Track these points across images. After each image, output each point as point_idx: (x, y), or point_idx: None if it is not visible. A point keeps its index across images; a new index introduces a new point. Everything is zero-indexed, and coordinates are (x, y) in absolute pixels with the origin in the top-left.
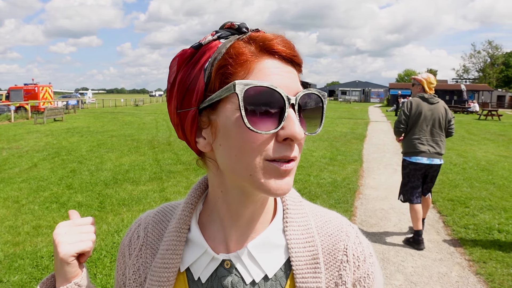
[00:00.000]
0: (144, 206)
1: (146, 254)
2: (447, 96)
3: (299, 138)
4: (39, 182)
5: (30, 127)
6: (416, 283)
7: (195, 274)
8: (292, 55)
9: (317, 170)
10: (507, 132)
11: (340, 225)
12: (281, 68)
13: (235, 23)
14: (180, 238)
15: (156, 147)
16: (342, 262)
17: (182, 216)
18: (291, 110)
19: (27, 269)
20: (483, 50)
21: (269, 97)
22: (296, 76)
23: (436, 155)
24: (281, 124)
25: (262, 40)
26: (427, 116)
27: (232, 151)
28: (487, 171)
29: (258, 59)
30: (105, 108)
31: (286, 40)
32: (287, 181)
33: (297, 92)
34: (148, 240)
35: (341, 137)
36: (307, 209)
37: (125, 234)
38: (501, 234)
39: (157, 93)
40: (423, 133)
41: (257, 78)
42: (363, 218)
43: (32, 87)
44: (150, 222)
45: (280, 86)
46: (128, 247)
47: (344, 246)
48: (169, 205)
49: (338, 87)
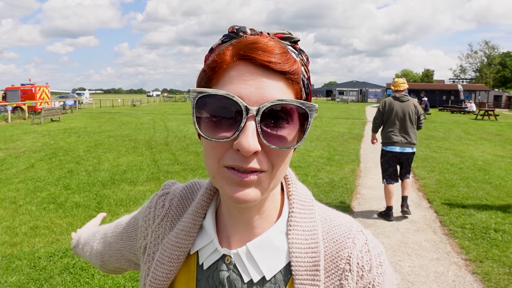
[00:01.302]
0: None
1: (166, 226)
2: (444, 96)
3: (245, 152)
4: (36, 183)
5: (27, 128)
6: (413, 283)
7: (201, 259)
8: (266, 62)
9: (314, 170)
10: (503, 132)
11: (348, 231)
12: (249, 75)
13: (235, 28)
14: (195, 222)
15: (153, 148)
16: (344, 271)
17: (200, 201)
18: (250, 122)
19: (25, 270)
20: (480, 50)
21: (227, 105)
22: (273, 84)
23: (407, 144)
24: (235, 134)
25: (240, 44)
26: (398, 112)
27: (203, 152)
28: (484, 171)
29: (232, 65)
30: (102, 108)
31: (267, 45)
32: (248, 192)
33: (264, 102)
34: (171, 212)
35: (338, 137)
36: (316, 214)
37: (154, 194)
38: (498, 234)
39: (155, 93)
40: (396, 126)
41: (226, 85)
42: (360, 218)
43: (29, 87)
44: (177, 195)
45: (240, 95)
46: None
47: (348, 254)
48: (197, 182)
49: (336, 87)
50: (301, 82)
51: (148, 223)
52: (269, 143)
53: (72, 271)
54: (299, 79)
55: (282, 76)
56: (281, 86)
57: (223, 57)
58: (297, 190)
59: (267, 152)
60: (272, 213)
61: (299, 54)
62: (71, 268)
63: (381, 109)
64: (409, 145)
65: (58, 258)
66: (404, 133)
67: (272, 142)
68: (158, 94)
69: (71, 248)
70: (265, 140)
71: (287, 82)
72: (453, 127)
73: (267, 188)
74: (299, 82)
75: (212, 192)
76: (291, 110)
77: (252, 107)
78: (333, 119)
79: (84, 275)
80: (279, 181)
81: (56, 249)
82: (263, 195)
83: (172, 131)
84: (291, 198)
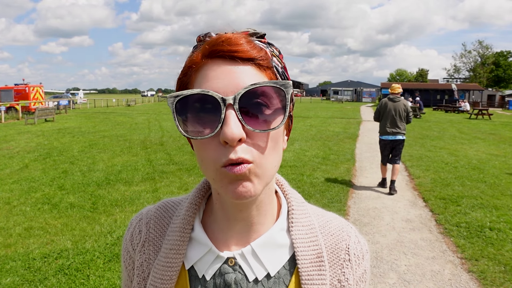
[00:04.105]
0: (137, 207)
1: (149, 250)
2: (438, 95)
3: (230, 139)
4: (31, 183)
5: (20, 128)
6: (409, 281)
7: (200, 272)
8: (233, 51)
9: (310, 169)
10: (497, 131)
11: (341, 225)
12: (219, 69)
13: (201, 36)
14: (183, 238)
15: (148, 148)
16: (345, 261)
17: (186, 216)
18: (230, 111)
19: (19, 271)
20: (474, 50)
21: (204, 102)
22: (245, 72)
23: (398, 133)
24: (217, 128)
25: (205, 45)
26: (391, 110)
27: (198, 159)
28: (478, 170)
29: (202, 65)
30: (96, 108)
31: (231, 38)
32: (244, 185)
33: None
34: (151, 236)
35: (333, 136)
36: (309, 210)
37: (127, 229)
38: (493, 232)
39: (149, 93)
40: (389, 121)
41: (199, 84)
42: (356, 217)
43: (23, 87)
44: (152, 217)
45: (216, 88)
46: (130, 242)
47: (346, 246)
48: (170, 201)
49: (330, 87)
50: (275, 70)
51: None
52: (252, 128)
53: (67, 272)
54: (270, 64)
55: (251, 63)
56: (253, 73)
57: (193, 59)
58: (291, 189)
59: (253, 138)
60: (269, 209)
61: (268, 46)
62: (66, 269)
63: (379, 107)
64: (399, 134)
65: (53, 259)
66: (395, 125)
67: (256, 127)
68: (152, 94)
69: (65, 249)
70: (249, 126)
71: (257, 68)
72: (447, 126)
73: (263, 179)
74: (270, 66)
75: (196, 206)
76: (267, 91)
77: (228, 97)
78: (328, 119)
79: (79, 276)
80: (272, 172)
81: (51, 250)
82: (261, 187)
83: (167, 131)
84: (288, 196)
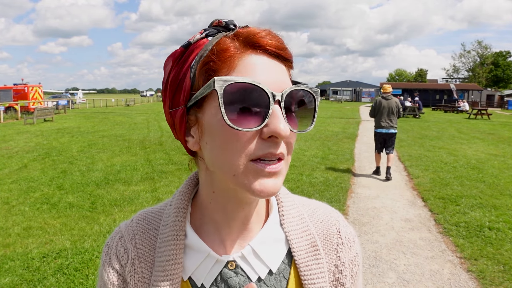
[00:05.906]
0: (136, 207)
1: (141, 268)
2: (437, 95)
3: (283, 135)
4: (30, 183)
5: (20, 128)
6: (408, 281)
7: (198, 280)
8: (279, 49)
9: (309, 169)
10: (496, 131)
11: (328, 212)
12: (266, 63)
13: (223, 20)
14: (178, 246)
15: (147, 147)
16: (338, 245)
17: (177, 222)
18: (276, 107)
19: (18, 271)
20: (473, 50)
21: (252, 93)
22: (284, 71)
23: (390, 127)
24: (265, 121)
25: (247, 34)
26: (385, 107)
27: (218, 150)
28: (477, 170)
29: (242, 55)
30: (95, 108)
31: (272, 34)
32: (274, 182)
33: (284, 88)
34: (139, 252)
35: (332, 136)
36: (296, 200)
37: (104, 254)
38: (492, 232)
39: (148, 93)
40: (383, 116)
41: (241, 74)
42: (355, 216)
43: (22, 87)
44: (135, 232)
45: (264, 82)
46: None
47: (337, 230)
48: (148, 212)
49: (329, 87)
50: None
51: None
52: (291, 127)
53: (66, 272)
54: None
55: (288, 63)
56: (287, 73)
57: (230, 47)
58: None
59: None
60: (261, 205)
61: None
62: (65, 268)
63: (374, 105)
64: (391, 128)
65: (52, 259)
66: (388, 120)
67: (293, 127)
68: (151, 94)
69: (64, 249)
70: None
71: (288, 70)
72: (446, 126)
73: (284, 175)
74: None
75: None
76: (303, 94)
77: (277, 93)
78: (327, 119)
79: (78, 275)
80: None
81: (50, 250)
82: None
83: (166, 130)
84: None
